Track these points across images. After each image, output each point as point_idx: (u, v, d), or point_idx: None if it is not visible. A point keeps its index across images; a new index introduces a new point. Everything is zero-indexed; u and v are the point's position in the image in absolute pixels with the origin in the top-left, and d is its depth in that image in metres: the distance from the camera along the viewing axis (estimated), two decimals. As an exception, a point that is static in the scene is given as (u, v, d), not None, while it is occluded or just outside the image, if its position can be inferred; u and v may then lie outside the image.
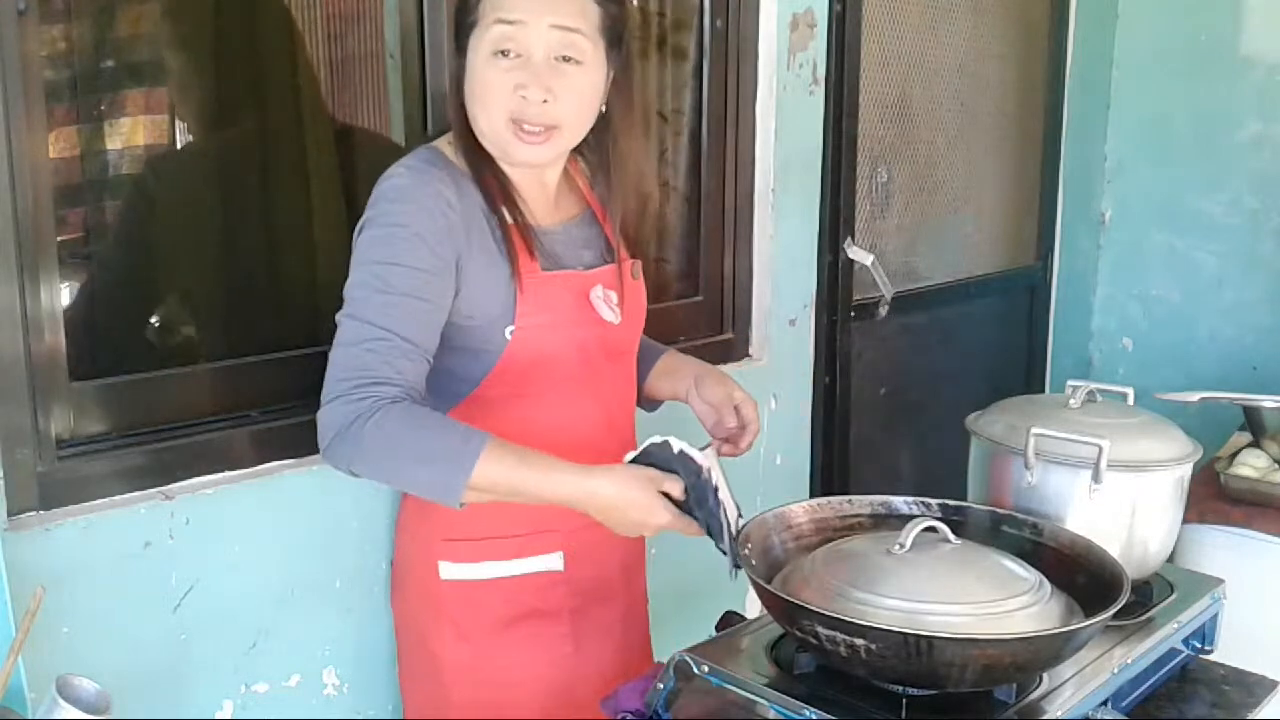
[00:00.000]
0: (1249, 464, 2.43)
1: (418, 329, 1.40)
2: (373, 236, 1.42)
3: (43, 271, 1.43)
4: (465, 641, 1.56)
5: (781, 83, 2.36)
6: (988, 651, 1.18)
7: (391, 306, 1.39)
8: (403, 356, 1.38)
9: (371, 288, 1.40)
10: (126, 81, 1.63)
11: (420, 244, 1.41)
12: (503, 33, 1.42)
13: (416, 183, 1.44)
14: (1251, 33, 3.35)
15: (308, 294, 1.85)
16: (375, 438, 1.34)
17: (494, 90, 1.43)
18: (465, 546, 1.55)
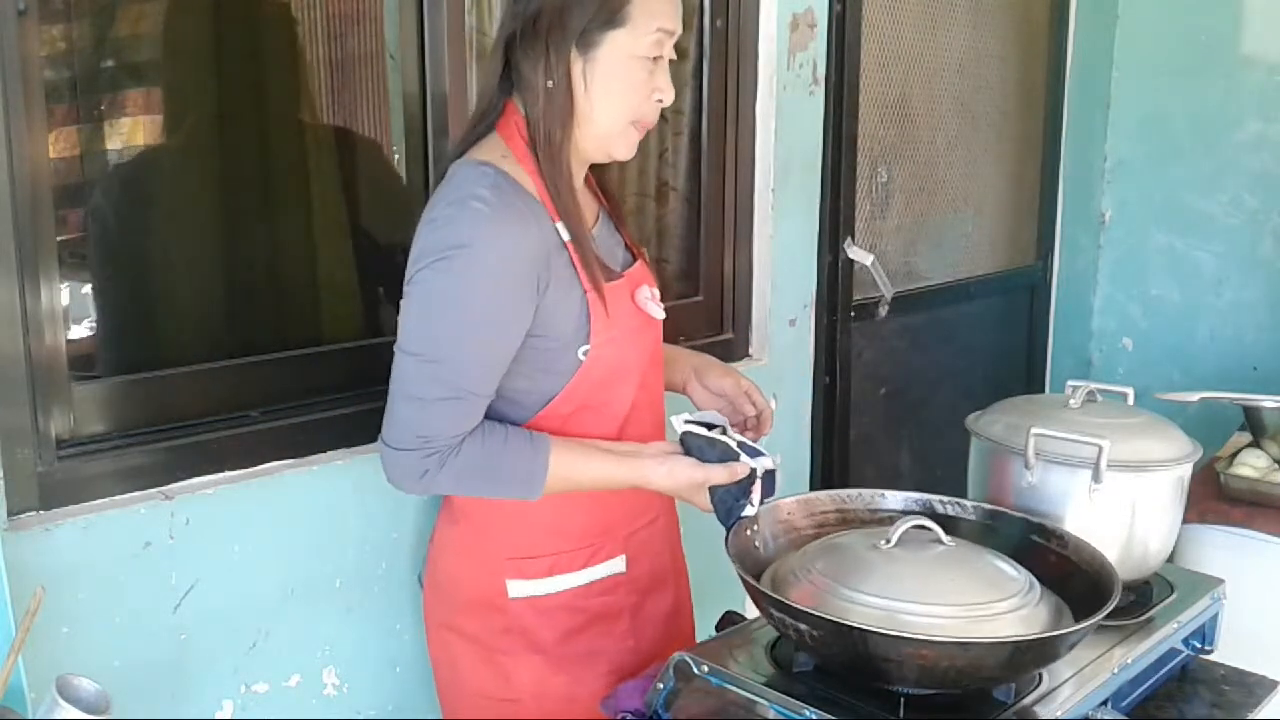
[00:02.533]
0: (1249, 464, 2.43)
1: (488, 379, 1.45)
2: (456, 277, 1.40)
3: (43, 271, 1.43)
4: (536, 653, 1.57)
5: (781, 83, 2.36)
6: (922, 652, 1.18)
7: (476, 363, 1.42)
8: (474, 412, 1.44)
9: (448, 336, 1.40)
10: (126, 81, 1.63)
11: (512, 287, 1.41)
12: (659, 40, 1.46)
13: (500, 216, 1.41)
14: (1251, 33, 3.35)
15: (309, 294, 1.85)
16: (449, 481, 1.43)
17: (638, 91, 1.47)
18: (534, 564, 1.56)
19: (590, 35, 1.43)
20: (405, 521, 1.79)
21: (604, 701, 1.43)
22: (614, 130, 1.49)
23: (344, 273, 1.91)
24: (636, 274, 1.58)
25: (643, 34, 1.44)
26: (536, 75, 1.44)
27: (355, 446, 1.73)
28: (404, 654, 1.81)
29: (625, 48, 1.44)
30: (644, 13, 1.44)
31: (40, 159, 1.42)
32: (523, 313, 1.43)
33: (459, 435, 1.42)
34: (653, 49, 1.46)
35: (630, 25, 1.43)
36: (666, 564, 1.71)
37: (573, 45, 1.43)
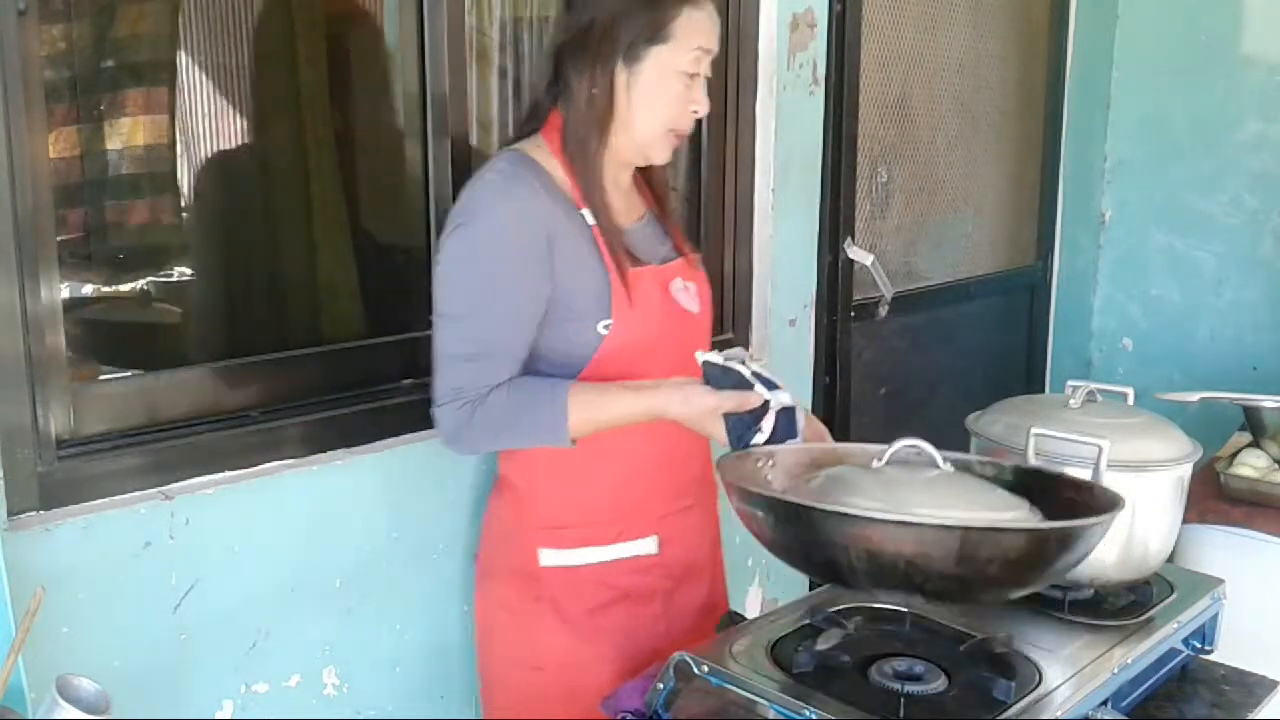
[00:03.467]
0: (1249, 464, 2.43)
1: (516, 336, 1.56)
2: (469, 240, 1.53)
3: (43, 271, 1.43)
4: (564, 624, 1.63)
5: (781, 83, 2.36)
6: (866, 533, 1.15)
7: (494, 318, 1.54)
8: (502, 368, 1.54)
9: (474, 295, 1.54)
10: (126, 81, 1.63)
11: (517, 246, 1.53)
12: (698, 57, 1.58)
13: (508, 184, 1.55)
14: (1251, 33, 3.35)
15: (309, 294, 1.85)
16: (482, 432, 1.54)
17: (676, 102, 1.59)
18: (565, 534, 1.64)
19: (636, 49, 1.55)
20: (406, 521, 1.79)
21: (604, 701, 1.43)
22: (652, 137, 1.61)
23: (342, 274, 1.91)
24: (674, 268, 1.67)
25: (684, 51, 1.56)
26: (582, 82, 1.56)
27: (355, 446, 1.74)
28: (404, 654, 1.81)
29: (667, 63, 1.56)
30: (686, 32, 1.56)
31: (40, 159, 1.42)
32: (533, 272, 1.54)
33: (487, 387, 1.52)
34: (692, 65, 1.58)
35: (673, 42, 1.56)
36: (703, 557, 1.75)
37: (619, 57, 1.56)
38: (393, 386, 1.85)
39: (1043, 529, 1.22)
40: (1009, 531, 1.20)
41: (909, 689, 1.26)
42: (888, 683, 1.28)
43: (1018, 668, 1.31)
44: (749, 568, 2.45)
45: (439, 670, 1.87)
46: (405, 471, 1.79)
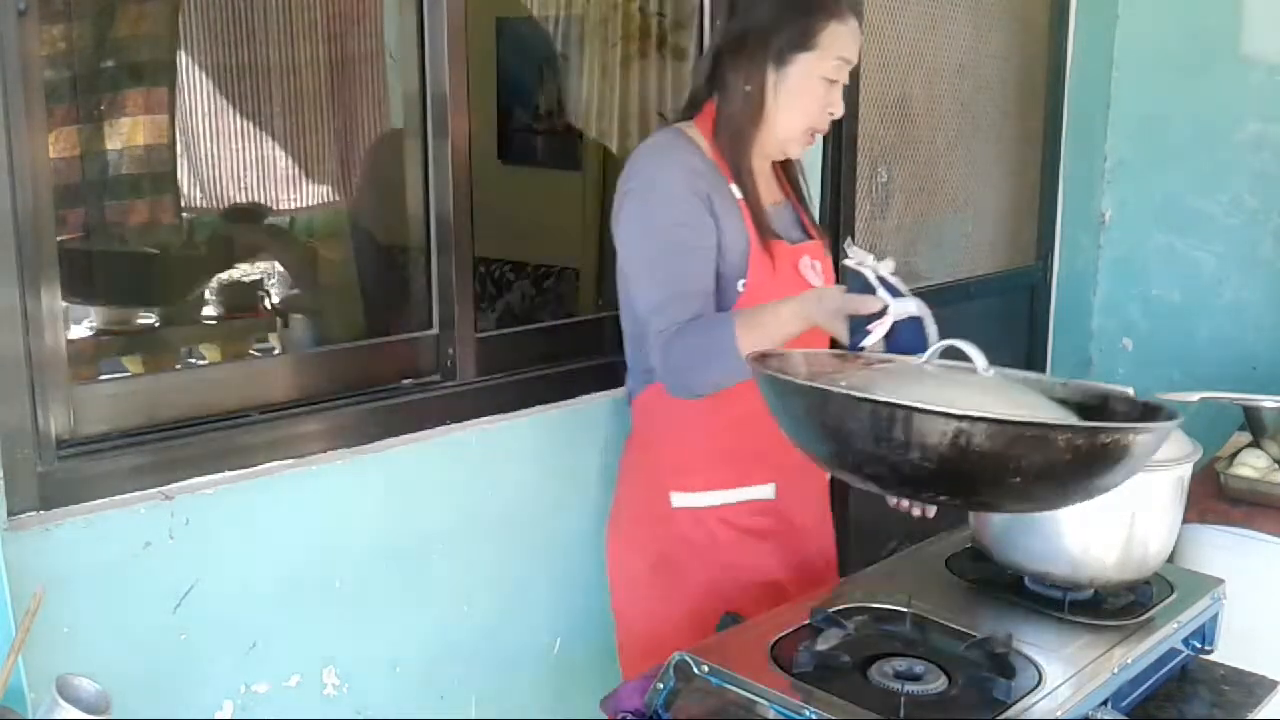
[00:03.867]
0: (1249, 464, 2.43)
1: (702, 273, 1.71)
2: (642, 197, 1.73)
3: (43, 271, 1.43)
4: (693, 559, 1.81)
5: (781, 83, 2.36)
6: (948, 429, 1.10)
7: (679, 259, 1.70)
8: (695, 304, 1.69)
9: (657, 244, 1.71)
10: (126, 81, 1.64)
11: (686, 195, 1.71)
12: (839, 66, 1.76)
13: (670, 148, 1.77)
14: (1251, 33, 3.35)
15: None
16: (681, 372, 1.68)
17: (816, 105, 1.76)
18: (693, 478, 1.82)
19: (785, 55, 1.74)
20: (405, 521, 1.79)
21: (604, 701, 1.43)
22: (792, 134, 1.79)
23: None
24: (805, 247, 1.84)
25: (827, 59, 1.74)
26: (737, 80, 1.75)
27: (355, 446, 1.74)
28: (404, 654, 1.81)
29: (812, 69, 1.74)
30: (830, 42, 1.74)
31: (40, 159, 1.42)
32: (703, 217, 1.71)
33: (679, 321, 1.67)
34: (833, 73, 1.75)
35: (819, 51, 1.74)
36: (813, 507, 1.92)
37: (770, 61, 1.74)
38: (393, 386, 1.85)
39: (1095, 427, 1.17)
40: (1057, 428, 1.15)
41: (909, 689, 1.26)
42: (888, 683, 1.28)
43: (1018, 668, 1.31)
44: (749, 568, 2.45)
45: (439, 670, 1.87)
46: (405, 471, 1.79)
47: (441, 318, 1.91)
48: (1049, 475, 1.17)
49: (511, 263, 3.67)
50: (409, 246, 1.91)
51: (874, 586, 1.54)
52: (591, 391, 2.10)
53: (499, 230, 3.46)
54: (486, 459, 1.90)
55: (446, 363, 1.91)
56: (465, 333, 1.92)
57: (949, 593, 1.56)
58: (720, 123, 1.77)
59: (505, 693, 1.98)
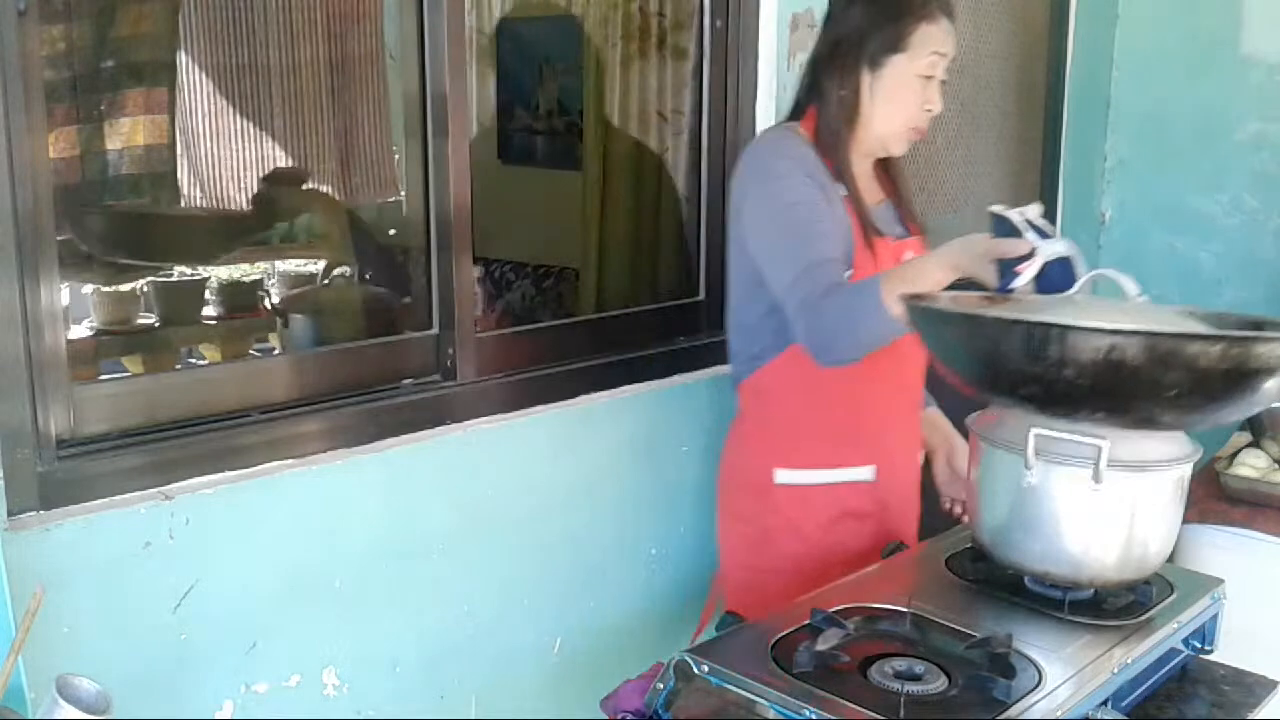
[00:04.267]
0: (1249, 464, 2.43)
1: (833, 246, 1.78)
2: (766, 185, 1.81)
3: (43, 271, 1.43)
4: (794, 533, 1.90)
5: (781, 83, 2.36)
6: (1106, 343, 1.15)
7: (811, 235, 1.76)
8: (833, 273, 1.74)
9: (788, 226, 1.78)
10: (126, 81, 1.64)
11: (806, 179, 1.80)
12: (933, 62, 1.84)
13: (782, 141, 1.86)
14: (1251, 32, 3.35)
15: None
16: (828, 336, 1.72)
17: (913, 102, 1.85)
18: (797, 455, 1.91)
19: (878, 58, 1.82)
20: (406, 521, 1.79)
21: (604, 701, 1.43)
22: (891, 133, 1.87)
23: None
24: (907, 243, 1.92)
25: (920, 57, 1.82)
26: (833, 85, 1.85)
27: (355, 446, 1.74)
28: (404, 654, 1.81)
29: (905, 69, 1.82)
30: (922, 41, 1.82)
31: (40, 159, 1.42)
32: (819, 199, 1.79)
33: (824, 288, 1.71)
34: (927, 70, 1.84)
35: (910, 52, 1.82)
36: (908, 491, 2.00)
37: (863, 65, 1.83)
38: (393, 386, 1.85)
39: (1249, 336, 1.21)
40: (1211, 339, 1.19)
41: (909, 689, 1.26)
42: (888, 683, 1.28)
43: (1018, 668, 1.31)
44: (749, 568, 2.45)
45: (439, 670, 1.87)
46: (405, 471, 1.79)
47: (441, 318, 1.91)
48: (1202, 388, 1.21)
49: (511, 263, 3.67)
50: (410, 247, 1.91)
51: (874, 586, 1.54)
52: (591, 391, 2.10)
53: (499, 230, 3.46)
54: (486, 459, 1.90)
55: (446, 363, 1.91)
56: (465, 333, 1.92)
57: (949, 593, 1.56)
58: (821, 126, 1.86)
59: (505, 693, 1.98)
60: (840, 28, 1.87)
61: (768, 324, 1.87)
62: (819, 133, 1.86)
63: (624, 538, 2.17)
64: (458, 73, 1.85)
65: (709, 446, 2.31)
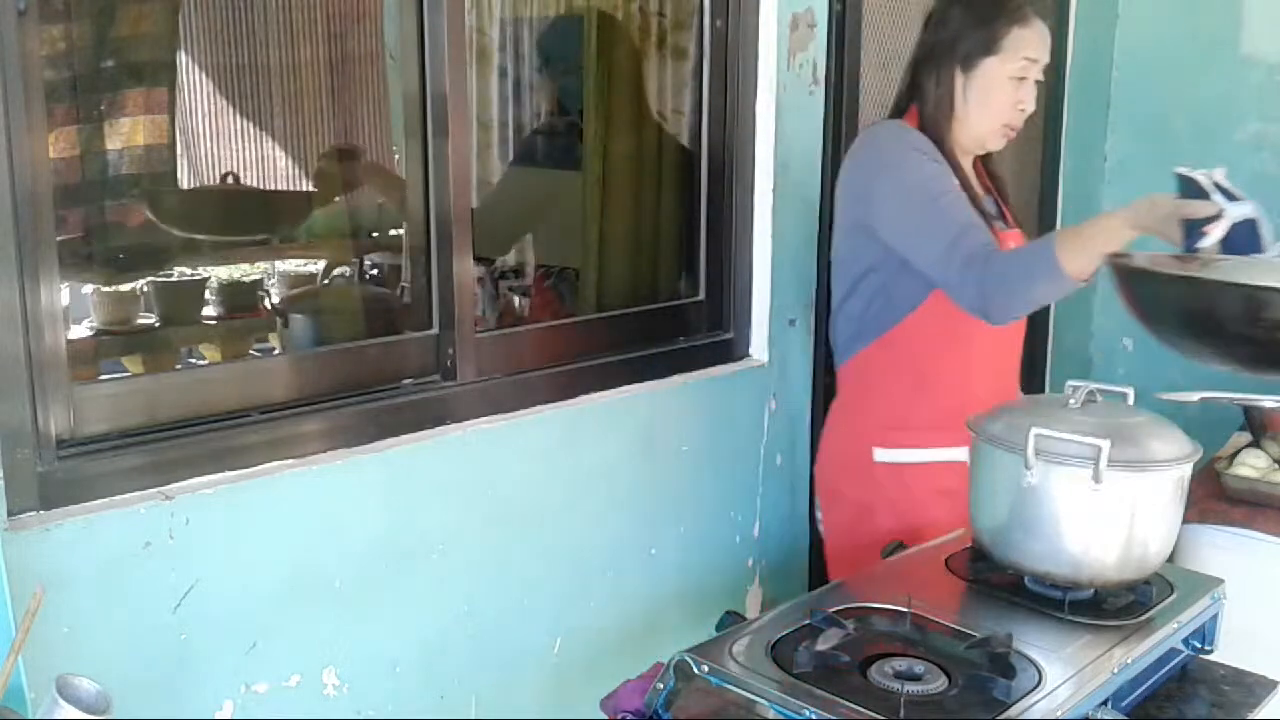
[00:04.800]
0: (1249, 464, 2.43)
1: (971, 211, 1.87)
2: (898, 171, 1.90)
3: (43, 271, 1.43)
4: (892, 511, 2.01)
5: (781, 83, 2.36)
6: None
7: (952, 200, 1.86)
8: (981, 234, 1.82)
9: (927, 196, 1.87)
10: (126, 81, 1.64)
11: (932, 160, 1.91)
12: (1025, 65, 1.94)
13: (901, 130, 1.97)
14: (1251, 32, 3.35)
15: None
16: (998, 293, 1.76)
17: (1006, 103, 1.96)
18: (895, 435, 2.03)
19: (971, 60, 1.94)
20: (406, 521, 1.79)
21: (604, 701, 1.43)
22: (986, 131, 1.99)
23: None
24: (1008, 235, 2.01)
25: (1012, 60, 1.93)
26: (930, 86, 1.98)
27: (355, 446, 1.74)
28: (404, 654, 1.81)
29: (997, 71, 1.94)
30: (1014, 44, 1.93)
31: (40, 159, 1.42)
32: (950, 173, 1.90)
33: (985, 247, 1.79)
34: (1020, 72, 1.94)
35: (1002, 54, 1.93)
36: None
37: (957, 66, 1.95)
38: (393, 386, 1.85)
39: None
40: None
41: (909, 689, 1.27)
42: (888, 683, 1.28)
43: (1018, 668, 1.31)
44: (749, 568, 2.45)
45: (439, 670, 1.87)
46: (405, 471, 1.79)
47: (441, 318, 1.91)
48: None
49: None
50: (412, 247, 1.91)
51: (874, 586, 1.54)
52: (591, 391, 2.10)
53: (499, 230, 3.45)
54: (486, 459, 1.90)
55: (446, 363, 1.91)
56: (465, 333, 1.92)
57: (949, 593, 1.56)
58: (924, 123, 1.97)
59: (505, 693, 1.98)
60: (937, 31, 1.98)
61: (870, 309, 1.98)
62: (923, 129, 1.96)
63: (624, 538, 2.17)
64: (458, 73, 1.85)
65: (709, 446, 2.31)
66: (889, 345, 2.01)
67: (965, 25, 1.94)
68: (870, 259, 1.98)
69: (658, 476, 2.21)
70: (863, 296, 2.01)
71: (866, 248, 1.97)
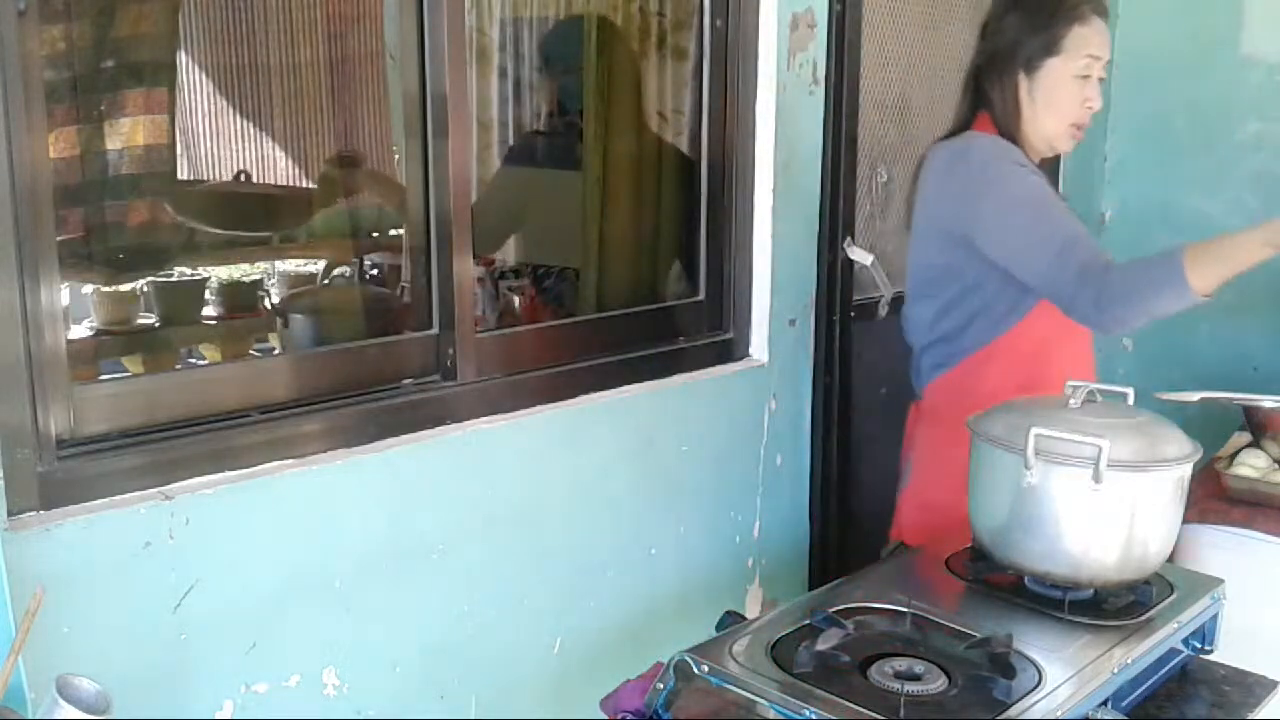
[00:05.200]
0: (1249, 464, 2.43)
1: (1079, 222, 1.88)
2: (1003, 183, 1.89)
3: (43, 271, 1.43)
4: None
5: (781, 83, 2.36)
6: None
7: (1060, 212, 1.87)
8: (1092, 244, 1.82)
9: (1037, 207, 1.87)
10: (126, 81, 1.64)
11: (1036, 174, 1.91)
12: (1089, 63, 1.94)
13: (999, 142, 1.95)
14: (1251, 32, 3.35)
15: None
16: (1115, 305, 1.75)
17: (1072, 102, 1.95)
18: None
19: (1033, 63, 1.95)
20: (406, 521, 1.79)
21: (604, 701, 1.43)
22: (1054, 132, 1.98)
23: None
24: None
25: (1075, 59, 1.93)
26: (994, 92, 1.98)
27: (355, 446, 1.74)
28: (404, 654, 1.81)
29: (1061, 70, 1.94)
30: (1076, 44, 1.93)
31: (40, 159, 1.42)
32: (1048, 184, 1.92)
33: (1100, 258, 1.77)
34: (1083, 70, 1.94)
35: (1065, 54, 1.93)
36: None
37: (1020, 71, 1.96)
38: (393, 386, 1.85)
39: None
40: None
41: (909, 689, 1.27)
42: (888, 683, 1.28)
43: (1018, 668, 1.31)
44: (749, 568, 2.45)
45: (439, 670, 1.87)
46: (405, 471, 1.79)
47: (441, 318, 1.91)
48: None
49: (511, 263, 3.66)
50: (414, 247, 1.91)
51: (874, 586, 1.54)
52: (591, 391, 2.10)
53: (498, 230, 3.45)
54: (486, 459, 1.90)
55: (446, 363, 1.91)
56: (465, 333, 1.92)
57: (949, 593, 1.56)
58: (1000, 131, 1.97)
59: (505, 693, 1.98)
60: (996, 37, 1.99)
61: (970, 327, 1.97)
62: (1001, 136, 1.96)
63: (624, 538, 2.17)
64: (458, 73, 1.85)
65: (709, 446, 2.31)
66: (991, 357, 2.00)
67: (1024, 29, 1.94)
68: (971, 276, 1.96)
69: (658, 477, 2.21)
70: (960, 315, 1.99)
71: (966, 263, 1.95)
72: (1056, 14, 1.93)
